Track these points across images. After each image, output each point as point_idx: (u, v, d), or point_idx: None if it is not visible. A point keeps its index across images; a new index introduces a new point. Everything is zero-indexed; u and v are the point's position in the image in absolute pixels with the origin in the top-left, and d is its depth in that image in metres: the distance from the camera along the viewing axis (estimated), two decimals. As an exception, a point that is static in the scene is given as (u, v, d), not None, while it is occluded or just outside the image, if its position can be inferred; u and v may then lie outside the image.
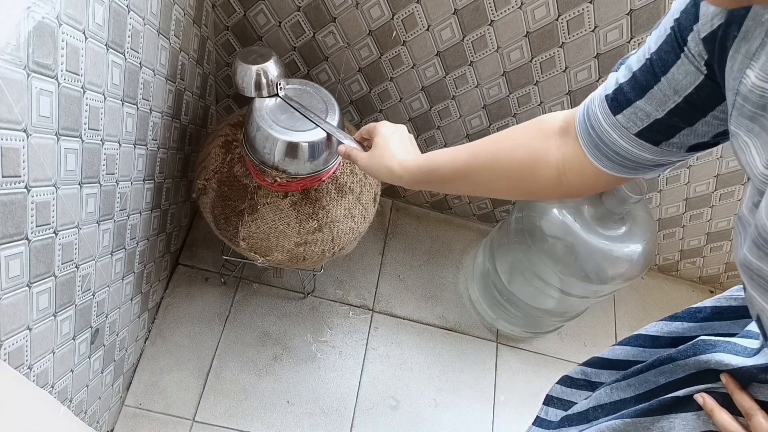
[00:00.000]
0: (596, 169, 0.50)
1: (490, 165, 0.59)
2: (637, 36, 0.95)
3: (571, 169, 0.53)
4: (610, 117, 0.47)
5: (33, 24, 0.47)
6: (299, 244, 0.92)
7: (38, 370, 0.66)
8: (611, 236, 1.03)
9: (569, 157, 0.53)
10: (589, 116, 0.49)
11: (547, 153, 0.55)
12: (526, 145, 0.57)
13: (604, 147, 0.49)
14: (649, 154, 0.46)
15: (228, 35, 1.07)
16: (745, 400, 0.47)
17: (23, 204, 0.53)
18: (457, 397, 1.27)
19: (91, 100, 0.61)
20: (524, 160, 0.57)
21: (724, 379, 0.49)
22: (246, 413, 1.16)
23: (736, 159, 0.52)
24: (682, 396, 0.52)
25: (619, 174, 0.50)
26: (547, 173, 0.55)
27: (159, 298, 1.21)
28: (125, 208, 0.81)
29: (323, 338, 1.27)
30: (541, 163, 0.55)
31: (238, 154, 0.92)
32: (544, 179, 0.56)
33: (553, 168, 0.54)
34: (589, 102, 0.50)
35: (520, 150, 0.57)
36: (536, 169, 0.56)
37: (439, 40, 1.01)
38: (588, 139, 0.50)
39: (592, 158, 0.50)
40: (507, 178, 0.59)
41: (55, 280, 0.64)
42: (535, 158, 0.56)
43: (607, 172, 0.50)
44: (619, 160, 0.48)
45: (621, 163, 0.49)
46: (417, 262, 1.42)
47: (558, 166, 0.54)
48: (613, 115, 0.47)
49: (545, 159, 0.55)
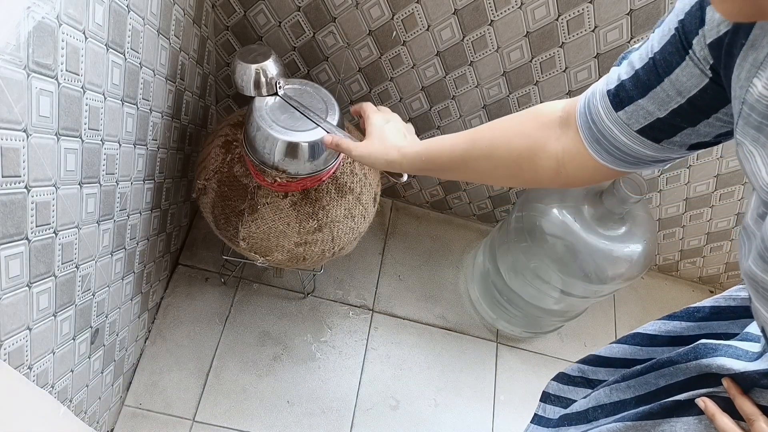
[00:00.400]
0: (596, 161, 0.50)
1: (489, 154, 0.59)
2: (637, 36, 0.95)
3: (571, 161, 0.53)
4: (611, 113, 0.46)
5: (33, 24, 0.47)
6: (299, 244, 0.92)
7: (38, 370, 0.66)
8: (611, 236, 1.03)
9: (569, 149, 0.52)
10: (590, 110, 0.49)
11: (546, 143, 0.54)
12: (524, 134, 0.57)
13: (604, 141, 0.48)
14: (650, 150, 0.46)
15: (228, 35, 1.07)
16: (746, 405, 0.46)
17: (23, 204, 0.53)
18: (457, 397, 1.27)
19: (91, 100, 0.61)
20: (523, 150, 0.56)
21: (726, 383, 0.48)
22: (246, 413, 1.16)
23: (741, 168, 0.52)
24: (683, 400, 0.52)
25: (619, 168, 0.50)
26: (546, 164, 0.55)
27: (159, 298, 1.21)
28: (125, 208, 0.81)
29: (323, 338, 1.27)
30: (539, 154, 0.55)
31: (238, 154, 0.92)
32: (543, 169, 0.55)
33: (552, 159, 0.54)
34: (590, 95, 0.50)
35: (518, 139, 0.57)
36: (535, 159, 0.55)
37: (439, 40, 1.01)
38: (589, 133, 0.50)
39: (593, 152, 0.50)
40: (505, 167, 0.58)
41: (55, 280, 0.64)
42: (534, 148, 0.55)
43: (607, 165, 0.50)
44: (619, 154, 0.48)
45: (621, 158, 0.48)
46: (417, 262, 1.42)
47: (557, 157, 0.54)
48: (614, 111, 0.46)
49: (544, 149, 0.54)
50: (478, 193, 1.40)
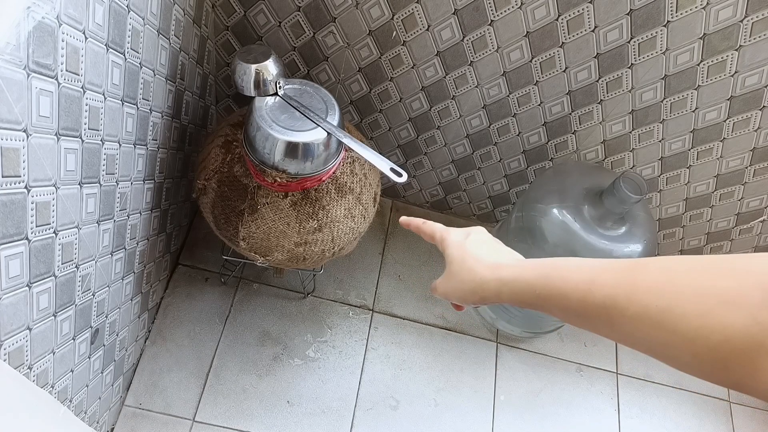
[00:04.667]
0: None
1: (660, 322, 0.34)
2: (637, 36, 0.95)
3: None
4: None
5: (33, 24, 0.47)
6: (299, 244, 0.92)
7: (38, 370, 0.66)
8: (611, 236, 1.03)
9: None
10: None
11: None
12: (742, 308, 0.31)
13: None
14: None
15: (228, 35, 1.07)
16: None
17: (23, 204, 0.53)
18: (457, 397, 1.27)
19: (91, 100, 0.61)
20: (737, 336, 0.31)
21: None
22: (246, 413, 1.16)
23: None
24: None
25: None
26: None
27: (159, 298, 1.21)
28: (125, 208, 0.81)
29: (323, 338, 1.27)
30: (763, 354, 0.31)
31: (238, 154, 0.92)
32: (764, 374, 0.31)
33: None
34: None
35: (729, 315, 0.32)
36: (755, 359, 0.31)
37: (439, 40, 1.01)
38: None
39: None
40: (692, 354, 0.33)
41: (55, 280, 0.64)
42: (761, 338, 0.31)
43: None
44: None
45: None
46: (417, 262, 1.42)
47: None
48: None
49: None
50: (478, 193, 1.40)
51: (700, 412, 1.39)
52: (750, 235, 1.36)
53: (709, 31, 0.93)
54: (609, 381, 1.38)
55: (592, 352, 1.41)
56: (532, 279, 0.43)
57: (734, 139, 1.11)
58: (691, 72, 1.00)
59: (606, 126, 1.13)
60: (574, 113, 1.11)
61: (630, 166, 1.22)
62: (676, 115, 1.09)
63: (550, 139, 1.19)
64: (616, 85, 1.04)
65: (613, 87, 1.05)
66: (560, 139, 1.19)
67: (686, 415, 1.38)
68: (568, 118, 1.13)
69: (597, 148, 1.20)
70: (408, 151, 1.30)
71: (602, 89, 1.05)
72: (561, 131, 1.17)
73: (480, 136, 1.22)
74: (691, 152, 1.16)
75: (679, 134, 1.13)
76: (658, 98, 1.06)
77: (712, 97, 1.04)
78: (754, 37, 0.92)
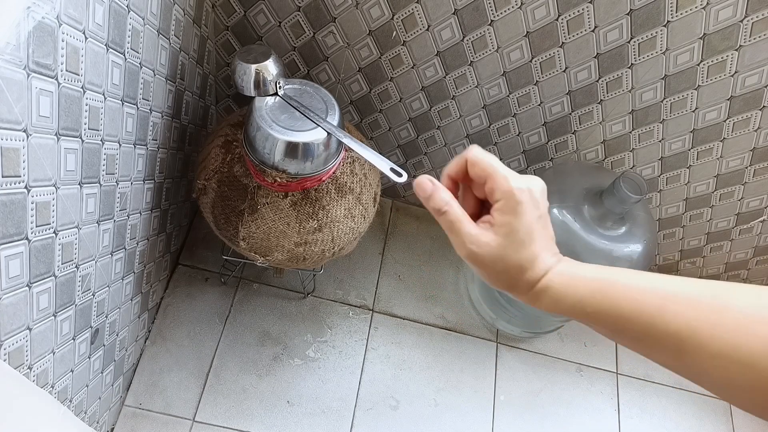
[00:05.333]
0: None
1: (730, 353, 0.32)
2: (637, 36, 0.95)
3: None
4: None
5: (33, 24, 0.47)
6: (299, 244, 0.92)
7: (38, 370, 0.66)
8: (611, 236, 1.03)
9: None
10: None
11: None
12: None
13: None
14: None
15: (228, 35, 1.07)
16: None
17: (23, 204, 0.53)
18: (457, 397, 1.27)
19: (91, 100, 0.61)
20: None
21: None
22: (246, 413, 1.16)
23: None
24: None
25: None
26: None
27: (159, 298, 1.21)
28: (125, 208, 0.81)
29: (323, 338, 1.27)
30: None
31: (238, 154, 0.92)
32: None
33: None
34: None
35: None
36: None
37: (439, 40, 1.01)
38: None
39: None
40: (764, 392, 0.31)
41: (55, 280, 0.64)
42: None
43: None
44: None
45: None
46: (417, 262, 1.42)
47: None
48: None
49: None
50: (478, 193, 1.40)
51: (700, 412, 1.39)
52: (750, 235, 1.36)
53: (709, 31, 0.93)
54: (609, 381, 1.38)
55: (592, 352, 1.41)
56: (586, 294, 0.38)
57: (734, 139, 1.11)
58: (691, 72, 1.00)
59: (606, 126, 1.13)
60: (574, 113, 1.11)
61: (630, 166, 1.22)
62: (676, 115, 1.09)
63: (550, 139, 1.19)
64: (616, 85, 1.04)
65: (613, 87, 1.05)
66: (560, 139, 1.19)
67: (686, 415, 1.38)
68: (568, 118, 1.13)
69: (597, 148, 1.20)
70: (408, 151, 1.30)
71: (602, 89, 1.05)
72: (561, 131, 1.17)
73: (480, 136, 1.22)
74: (691, 152, 1.16)
75: (679, 134, 1.13)
76: (658, 98, 1.06)
77: (712, 97, 1.04)
78: (754, 37, 0.92)
